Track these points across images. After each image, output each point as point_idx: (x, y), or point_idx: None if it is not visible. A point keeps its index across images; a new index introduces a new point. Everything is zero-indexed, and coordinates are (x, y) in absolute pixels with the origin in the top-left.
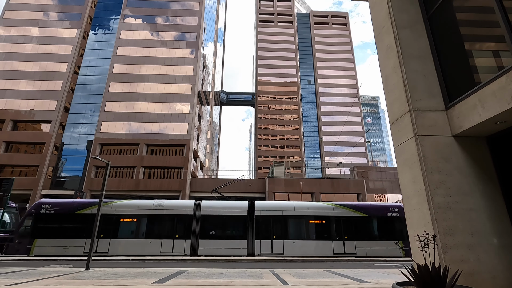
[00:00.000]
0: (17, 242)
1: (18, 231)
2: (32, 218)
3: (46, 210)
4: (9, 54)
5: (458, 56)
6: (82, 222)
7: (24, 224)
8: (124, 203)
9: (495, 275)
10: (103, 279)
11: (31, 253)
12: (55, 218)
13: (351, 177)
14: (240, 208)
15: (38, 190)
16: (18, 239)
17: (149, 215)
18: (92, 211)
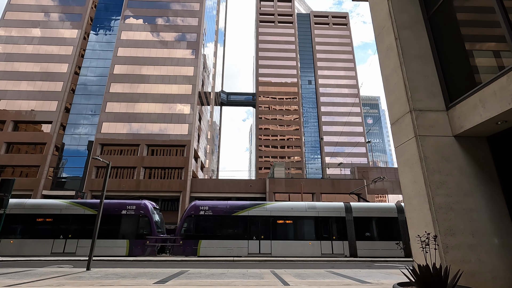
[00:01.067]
0: (182, 244)
1: (180, 233)
2: (192, 220)
3: (205, 212)
4: (10, 54)
5: (459, 56)
6: (242, 224)
7: (184, 226)
8: (278, 205)
9: (496, 275)
10: (103, 279)
11: (198, 255)
12: (214, 220)
13: (352, 177)
14: (387, 210)
15: (39, 191)
16: (182, 240)
17: (303, 216)
18: (249, 213)
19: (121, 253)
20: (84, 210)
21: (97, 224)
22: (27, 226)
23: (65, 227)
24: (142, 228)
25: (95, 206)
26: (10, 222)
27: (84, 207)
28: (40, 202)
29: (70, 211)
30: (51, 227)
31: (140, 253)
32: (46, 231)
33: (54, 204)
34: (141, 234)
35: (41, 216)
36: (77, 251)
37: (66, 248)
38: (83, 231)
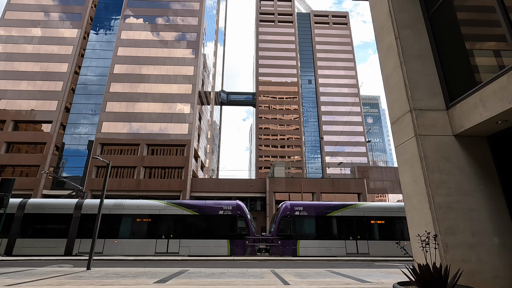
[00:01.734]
0: (281, 244)
1: (277, 233)
2: (288, 220)
3: (300, 212)
4: (10, 54)
5: (459, 56)
6: (338, 224)
7: (280, 226)
8: (370, 205)
9: (496, 274)
10: (104, 279)
11: (298, 255)
12: (310, 220)
13: (352, 176)
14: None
15: (39, 190)
16: (281, 241)
17: (394, 217)
18: (343, 213)
19: (222, 253)
20: (182, 210)
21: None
22: (128, 226)
23: (166, 227)
24: (240, 228)
25: (192, 206)
26: (112, 222)
27: (182, 207)
28: (139, 203)
29: (169, 211)
30: (153, 227)
31: (241, 253)
32: (148, 231)
33: (154, 205)
34: (240, 234)
35: (141, 217)
36: (180, 250)
37: (170, 248)
38: (184, 231)
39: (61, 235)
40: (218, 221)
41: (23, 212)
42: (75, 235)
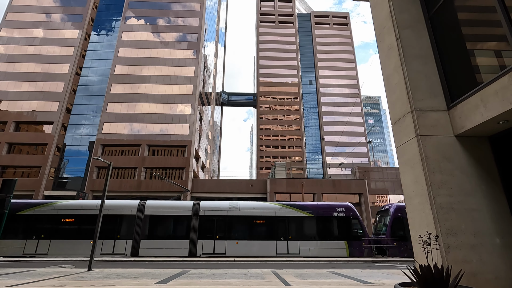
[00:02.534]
0: (397, 246)
1: (391, 234)
2: (402, 221)
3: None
4: (11, 55)
5: (460, 56)
6: None
7: (393, 228)
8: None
9: (498, 275)
10: (105, 279)
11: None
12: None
13: (353, 177)
14: None
15: (40, 191)
16: (396, 242)
17: None
18: None
19: (341, 255)
20: (297, 212)
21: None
22: (247, 228)
23: (284, 229)
24: (356, 230)
25: (305, 208)
26: (230, 224)
27: (296, 209)
28: (254, 205)
29: (284, 213)
30: (271, 229)
31: (359, 254)
32: (267, 233)
33: (268, 207)
34: (356, 236)
35: (258, 218)
36: (301, 252)
37: (290, 249)
38: (301, 233)
39: (183, 237)
40: (333, 222)
41: (143, 214)
42: (197, 236)
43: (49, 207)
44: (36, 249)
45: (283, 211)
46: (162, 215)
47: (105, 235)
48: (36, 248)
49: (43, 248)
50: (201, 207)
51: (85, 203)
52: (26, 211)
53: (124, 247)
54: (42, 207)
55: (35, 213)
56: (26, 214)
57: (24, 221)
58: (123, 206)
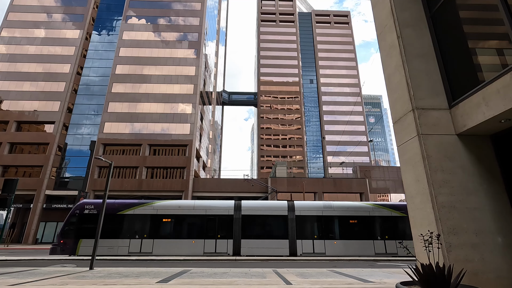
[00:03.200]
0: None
1: None
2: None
3: None
4: (12, 55)
5: (462, 54)
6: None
7: None
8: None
9: (500, 274)
10: (106, 278)
11: None
12: None
13: (354, 176)
14: None
15: (42, 191)
16: None
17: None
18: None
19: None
20: (390, 212)
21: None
22: (343, 227)
23: (379, 229)
24: None
25: (398, 208)
26: (326, 223)
27: (389, 209)
28: (348, 205)
29: (378, 213)
30: (366, 228)
31: None
32: (363, 232)
33: (362, 207)
34: None
35: (352, 218)
36: (398, 251)
37: (388, 249)
38: (397, 233)
39: (282, 236)
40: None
41: (240, 214)
42: (296, 236)
43: (148, 207)
44: (141, 249)
45: (377, 211)
46: (259, 215)
47: (206, 235)
48: (140, 248)
49: (147, 248)
50: (296, 207)
51: (182, 203)
52: (126, 211)
53: (225, 246)
54: (141, 207)
55: (135, 213)
56: (126, 214)
57: (125, 221)
58: (219, 207)
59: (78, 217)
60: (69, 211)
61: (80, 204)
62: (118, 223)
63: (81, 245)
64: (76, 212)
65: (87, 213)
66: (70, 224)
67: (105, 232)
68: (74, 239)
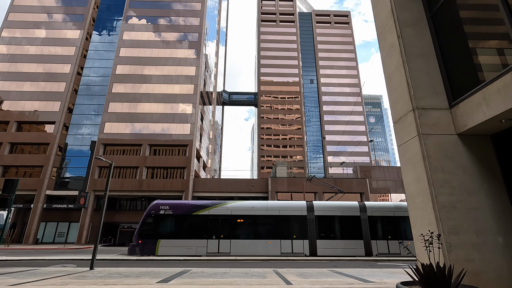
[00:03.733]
0: None
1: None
2: None
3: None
4: (13, 55)
5: (462, 54)
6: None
7: None
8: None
9: (501, 274)
10: (107, 278)
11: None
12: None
13: (354, 176)
14: None
15: (43, 191)
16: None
17: None
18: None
19: None
20: None
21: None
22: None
23: None
24: None
25: None
26: (398, 223)
27: None
28: None
29: None
30: None
31: None
32: None
33: None
34: None
35: None
36: None
37: None
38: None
39: (356, 237)
40: None
41: (314, 214)
42: (370, 237)
43: (222, 208)
44: (219, 249)
45: None
46: (332, 215)
47: (282, 235)
48: (218, 248)
49: (225, 248)
50: (368, 208)
51: (255, 203)
52: (201, 211)
53: (301, 247)
54: (215, 208)
55: (210, 213)
56: (201, 214)
57: (201, 221)
58: (292, 207)
59: (154, 218)
60: (144, 213)
61: (155, 205)
62: (193, 223)
63: (160, 245)
64: (151, 212)
65: (162, 213)
66: (146, 225)
67: (182, 233)
68: (152, 240)
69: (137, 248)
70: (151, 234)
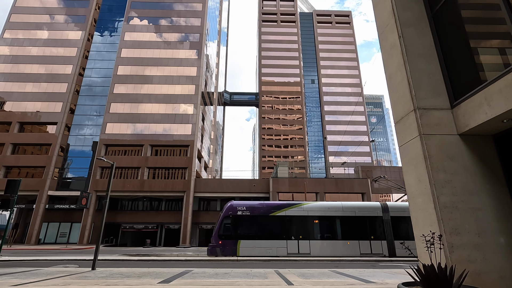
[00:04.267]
0: None
1: None
2: None
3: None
4: (15, 56)
5: (463, 54)
6: None
7: None
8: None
9: (503, 275)
10: (108, 279)
11: None
12: None
13: (356, 176)
14: None
15: (45, 191)
16: None
17: None
18: None
19: None
20: None
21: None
22: None
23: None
24: None
25: None
26: None
27: None
28: None
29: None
30: None
31: None
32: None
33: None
34: None
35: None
36: None
37: None
38: None
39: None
40: None
41: (389, 215)
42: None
43: (298, 209)
44: (298, 250)
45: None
46: (406, 216)
47: (359, 236)
48: (298, 249)
49: (304, 249)
50: None
51: (331, 204)
52: (277, 212)
53: (380, 247)
54: (291, 208)
55: (287, 214)
56: (278, 215)
57: (278, 222)
58: (368, 208)
59: (232, 219)
60: (222, 213)
61: (231, 206)
62: (271, 224)
63: (240, 246)
64: (229, 213)
65: (240, 214)
66: (225, 226)
67: (261, 234)
68: (232, 240)
69: (218, 249)
70: (230, 235)
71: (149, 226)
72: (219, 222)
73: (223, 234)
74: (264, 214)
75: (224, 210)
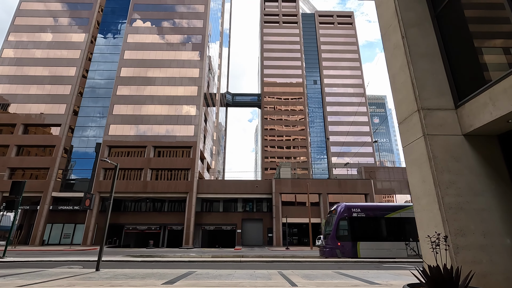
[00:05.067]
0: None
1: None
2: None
3: None
4: (20, 59)
5: (468, 54)
6: None
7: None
8: None
9: (509, 276)
10: (113, 280)
11: None
12: None
13: (359, 177)
14: None
15: (49, 193)
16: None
17: None
18: None
19: None
20: None
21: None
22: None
23: None
24: None
25: None
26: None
27: None
28: None
29: None
30: None
31: None
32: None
33: None
34: None
35: None
36: None
37: None
38: None
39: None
40: None
41: None
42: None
43: (411, 210)
44: (418, 251)
45: None
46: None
47: None
48: (418, 251)
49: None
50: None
51: None
52: (392, 214)
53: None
54: (405, 210)
55: (401, 216)
56: (393, 217)
57: (394, 224)
58: None
59: (348, 220)
60: (336, 215)
61: (346, 208)
62: (387, 226)
63: (360, 247)
64: (345, 215)
65: (355, 216)
66: (342, 227)
67: (378, 235)
68: (351, 242)
69: (338, 251)
70: (348, 236)
71: (152, 227)
72: (335, 223)
73: (340, 235)
74: (379, 215)
75: (338, 212)
